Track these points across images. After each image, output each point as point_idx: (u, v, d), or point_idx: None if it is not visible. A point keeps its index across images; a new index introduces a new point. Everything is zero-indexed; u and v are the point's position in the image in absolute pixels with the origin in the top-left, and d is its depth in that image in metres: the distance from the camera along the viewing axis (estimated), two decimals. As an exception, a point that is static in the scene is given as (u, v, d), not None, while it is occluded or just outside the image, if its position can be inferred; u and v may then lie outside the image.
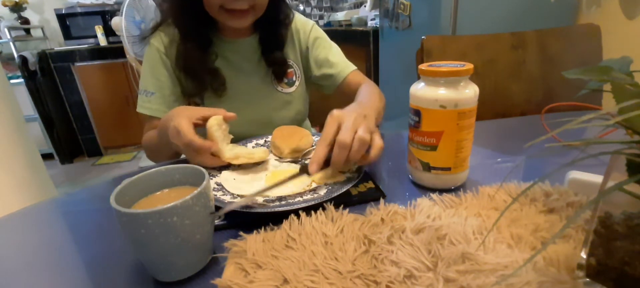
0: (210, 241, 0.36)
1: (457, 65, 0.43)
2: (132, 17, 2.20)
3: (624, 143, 0.24)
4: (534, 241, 0.34)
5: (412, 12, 1.64)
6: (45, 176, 1.45)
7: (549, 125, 0.62)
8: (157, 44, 0.73)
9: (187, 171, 0.38)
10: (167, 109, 0.72)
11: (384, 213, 0.40)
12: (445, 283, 0.30)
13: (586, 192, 0.40)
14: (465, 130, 0.44)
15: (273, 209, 0.41)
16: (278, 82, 0.80)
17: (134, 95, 2.79)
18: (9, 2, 2.73)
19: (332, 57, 0.80)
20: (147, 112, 0.72)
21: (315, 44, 0.81)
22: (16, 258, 0.41)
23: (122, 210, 0.29)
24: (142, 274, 0.35)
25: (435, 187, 0.47)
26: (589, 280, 0.28)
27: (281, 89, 0.80)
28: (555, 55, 0.96)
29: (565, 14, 1.41)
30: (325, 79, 0.81)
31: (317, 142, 0.48)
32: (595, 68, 0.26)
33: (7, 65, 2.71)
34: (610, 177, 0.26)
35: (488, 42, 0.95)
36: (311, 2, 3.47)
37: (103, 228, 0.45)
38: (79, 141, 2.93)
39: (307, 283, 0.31)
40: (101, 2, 2.82)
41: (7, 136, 1.24)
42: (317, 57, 0.81)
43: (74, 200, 0.57)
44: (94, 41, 2.79)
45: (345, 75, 0.78)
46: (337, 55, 0.81)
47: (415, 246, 0.34)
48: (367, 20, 2.31)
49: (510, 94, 0.97)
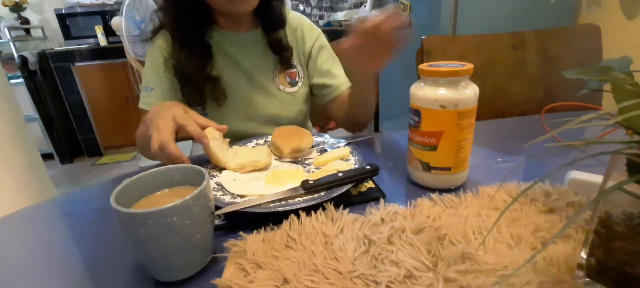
0: (210, 241, 0.36)
1: (457, 65, 0.43)
2: (132, 17, 2.20)
3: (624, 143, 0.24)
4: (534, 241, 0.34)
5: (412, 12, 1.64)
6: (45, 176, 1.45)
7: (549, 125, 0.62)
8: (161, 43, 0.73)
9: (187, 171, 0.38)
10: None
11: (384, 213, 0.40)
12: (445, 283, 0.30)
13: (586, 192, 0.40)
14: (465, 130, 0.44)
15: (273, 209, 0.41)
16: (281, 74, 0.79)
17: (135, 95, 2.79)
18: (9, 2, 2.73)
19: (334, 70, 0.81)
20: (146, 108, 0.71)
21: (320, 53, 0.81)
22: (16, 258, 0.41)
23: (122, 210, 0.29)
24: (142, 274, 0.35)
25: (435, 187, 0.47)
26: (589, 280, 0.28)
27: (283, 88, 0.79)
28: (555, 55, 0.96)
29: (565, 14, 1.41)
30: (322, 88, 0.81)
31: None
32: (595, 68, 0.26)
33: (7, 65, 2.70)
34: (610, 177, 0.26)
35: (488, 42, 0.95)
36: (311, 2, 3.47)
37: (103, 228, 0.45)
38: (79, 141, 2.93)
39: (307, 283, 0.31)
40: (101, 2, 2.82)
41: (7, 136, 1.24)
42: (320, 67, 0.80)
43: (74, 200, 0.57)
44: (94, 41, 2.79)
45: (344, 89, 0.79)
46: (339, 69, 0.82)
47: (415, 246, 0.34)
48: (367, 20, 2.31)
49: (510, 94, 0.97)
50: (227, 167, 0.53)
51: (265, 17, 0.76)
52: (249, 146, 0.62)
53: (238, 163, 0.53)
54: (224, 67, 0.74)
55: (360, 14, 2.47)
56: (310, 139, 0.60)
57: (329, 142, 0.63)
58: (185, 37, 0.70)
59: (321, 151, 0.60)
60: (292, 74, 0.80)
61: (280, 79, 0.79)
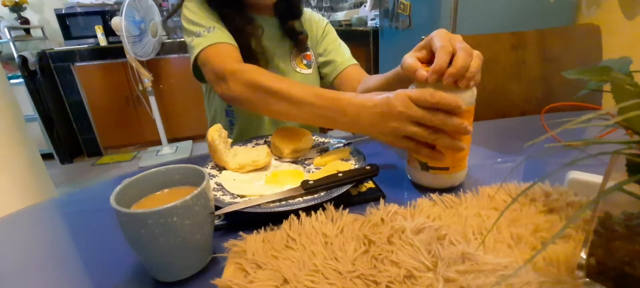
0: (210, 241, 0.36)
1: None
2: (132, 17, 2.20)
3: (624, 143, 0.24)
4: (534, 241, 0.34)
5: (412, 12, 1.64)
6: (45, 176, 1.45)
7: (548, 125, 0.62)
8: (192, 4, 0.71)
9: (187, 171, 0.38)
10: (233, 42, 0.67)
11: (384, 213, 0.40)
12: (445, 283, 0.30)
13: (586, 192, 0.40)
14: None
15: (273, 209, 0.41)
16: (299, 55, 0.83)
17: (134, 95, 2.79)
18: (9, 2, 2.73)
19: (338, 48, 0.86)
20: (216, 40, 0.64)
21: (328, 35, 0.87)
22: (16, 258, 0.41)
23: (122, 210, 0.29)
24: (142, 274, 0.35)
25: (434, 186, 0.47)
26: (589, 280, 0.28)
27: (300, 70, 0.83)
28: (555, 55, 0.96)
29: (565, 14, 1.41)
30: (327, 65, 0.85)
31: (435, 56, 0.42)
32: (595, 68, 0.26)
33: (7, 65, 2.70)
34: (610, 177, 0.26)
35: (488, 42, 0.95)
36: (311, 2, 3.47)
37: (103, 228, 0.45)
38: (79, 141, 2.93)
39: (307, 283, 0.31)
40: (101, 2, 2.82)
41: (7, 136, 1.24)
42: (326, 46, 0.86)
43: (74, 200, 0.57)
44: (94, 41, 2.79)
45: (347, 65, 0.83)
46: (345, 48, 0.87)
47: (415, 246, 0.34)
48: (367, 20, 2.31)
49: (510, 94, 0.97)
50: (227, 167, 0.53)
51: (285, 6, 0.79)
52: (249, 146, 0.62)
53: (238, 163, 0.53)
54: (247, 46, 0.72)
55: (360, 14, 2.46)
56: (310, 139, 0.60)
57: (329, 142, 0.63)
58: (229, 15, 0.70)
59: (321, 151, 0.60)
60: (308, 56, 0.85)
61: (297, 62, 0.83)
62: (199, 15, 0.69)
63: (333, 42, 0.86)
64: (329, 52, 0.86)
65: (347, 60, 0.84)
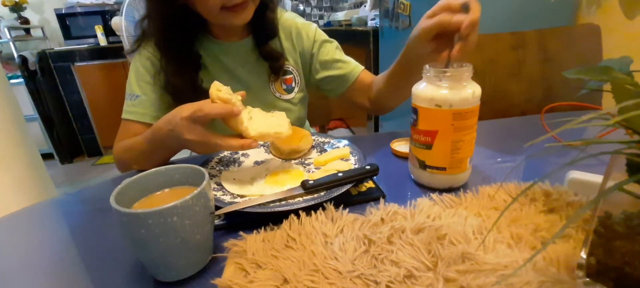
0: (210, 241, 0.36)
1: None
2: (132, 17, 2.19)
3: (624, 143, 0.24)
4: (534, 241, 0.34)
5: (412, 12, 1.64)
6: (45, 176, 1.45)
7: (549, 125, 0.62)
8: (147, 52, 0.69)
9: (187, 171, 0.38)
10: (156, 113, 0.67)
11: (384, 213, 0.40)
12: (445, 283, 0.30)
13: (586, 192, 0.40)
14: (462, 131, 0.43)
15: (273, 209, 0.41)
16: (276, 81, 0.76)
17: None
18: (9, 2, 2.73)
19: (340, 57, 0.77)
20: (132, 117, 0.67)
21: (322, 47, 0.77)
22: (16, 258, 0.41)
23: (122, 210, 0.29)
24: (142, 274, 0.35)
25: (431, 185, 0.47)
26: (589, 280, 0.28)
27: (279, 95, 0.77)
28: (555, 55, 0.96)
29: (565, 14, 1.41)
30: (332, 81, 0.77)
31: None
32: (595, 68, 0.26)
33: (7, 65, 2.71)
34: (610, 177, 0.26)
35: (488, 42, 0.95)
36: (311, 2, 3.47)
37: (103, 228, 0.45)
38: (79, 141, 2.93)
39: (307, 283, 0.31)
40: (101, 2, 2.82)
41: (7, 136, 1.24)
42: (323, 59, 0.77)
43: (74, 200, 0.57)
44: (94, 41, 2.79)
45: (358, 73, 0.75)
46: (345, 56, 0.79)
47: (415, 246, 0.34)
48: (367, 20, 2.31)
49: (510, 94, 0.97)
50: (247, 135, 0.47)
51: (258, 28, 0.73)
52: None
53: (259, 132, 0.47)
54: (219, 78, 0.66)
55: (360, 14, 2.46)
56: (310, 139, 0.60)
57: (329, 142, 0.63)
58: (173, 48, 0.66)
59: (321, 151, 0.60)
60: (288, 80, 0.78)
61: (276, 86, 0.77)
62: (138, 74, 0.70)
63: (331, 53, 0.77)
64: (329, 66, 0.76)
65: (355, 68, 0.75)
